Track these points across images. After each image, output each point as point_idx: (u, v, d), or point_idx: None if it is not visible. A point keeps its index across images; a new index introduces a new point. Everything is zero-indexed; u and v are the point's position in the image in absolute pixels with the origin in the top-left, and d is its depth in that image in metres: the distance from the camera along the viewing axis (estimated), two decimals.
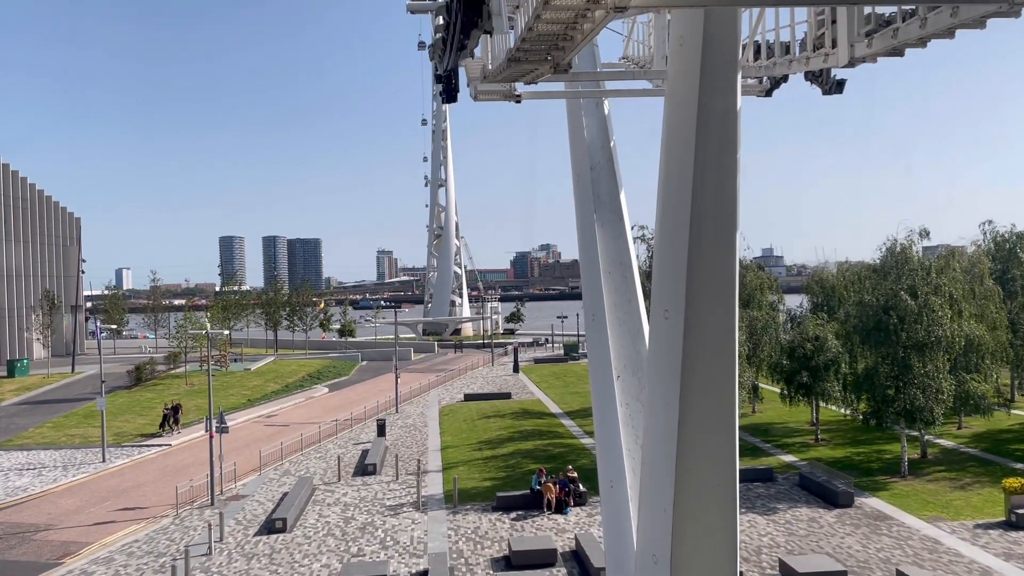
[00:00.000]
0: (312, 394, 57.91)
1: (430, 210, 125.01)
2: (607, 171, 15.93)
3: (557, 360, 75.64)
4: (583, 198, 15.90)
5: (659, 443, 10.42)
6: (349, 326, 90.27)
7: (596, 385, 14.88)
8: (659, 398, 10.48)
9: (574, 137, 16.34)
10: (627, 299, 15.00)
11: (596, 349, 14.92)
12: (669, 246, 9.97)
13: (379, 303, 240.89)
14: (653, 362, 10.71)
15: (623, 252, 15.30)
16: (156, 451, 39.85)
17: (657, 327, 10.43)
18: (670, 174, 9.87)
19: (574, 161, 16.33)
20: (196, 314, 72.20)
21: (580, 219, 16.04)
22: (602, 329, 14.76)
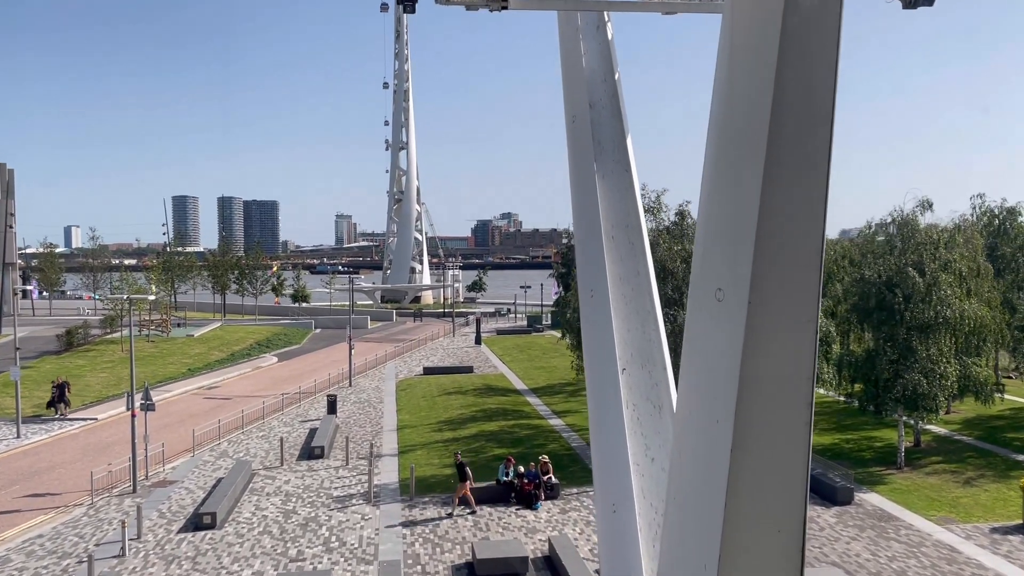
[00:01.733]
0: (259, 364, 54.15)
1: (390, 174, 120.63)
2: (610, 110, 12.69)
3: (521, 331, 72.76)
4: (580, 144, 12.65)
5: (698, 469, 7.40)
6: (303, 291, 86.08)
7: (594, 379, 11.76)
8: (700, 408, 7.43)
9: (569, 67, 13.04)
10: (634, 271, 11.87)
11: (595, 334, 11.79)
12: (728, 203, 6.87)
13: (337, 268, 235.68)
14: (693, 358, 7.64)
15: (630, 212, 12.14)
16: (79, 426, 35.97)
17: (702, 312, 7.35)
18: (732, 104, 6.76)
19: (568, 97, 13.05)
20: (134, 275, 67.44)
21: (575, 170, 12.81)
22: (603, 309, 11.61)
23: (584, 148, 12.60)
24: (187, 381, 47.01)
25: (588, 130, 12.53)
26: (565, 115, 13.27)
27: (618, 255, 11.96)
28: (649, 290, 11.75)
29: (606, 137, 12.65)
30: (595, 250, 11.94)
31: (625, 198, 12.29)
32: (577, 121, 12.82)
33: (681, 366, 8.05)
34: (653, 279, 11.87)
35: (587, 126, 12.55)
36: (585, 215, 12.35)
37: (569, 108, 13.05)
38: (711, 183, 7.30)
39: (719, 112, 7.08)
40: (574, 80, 12.96)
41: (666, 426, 10.97)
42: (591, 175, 12.34)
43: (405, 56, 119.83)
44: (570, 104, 13.03)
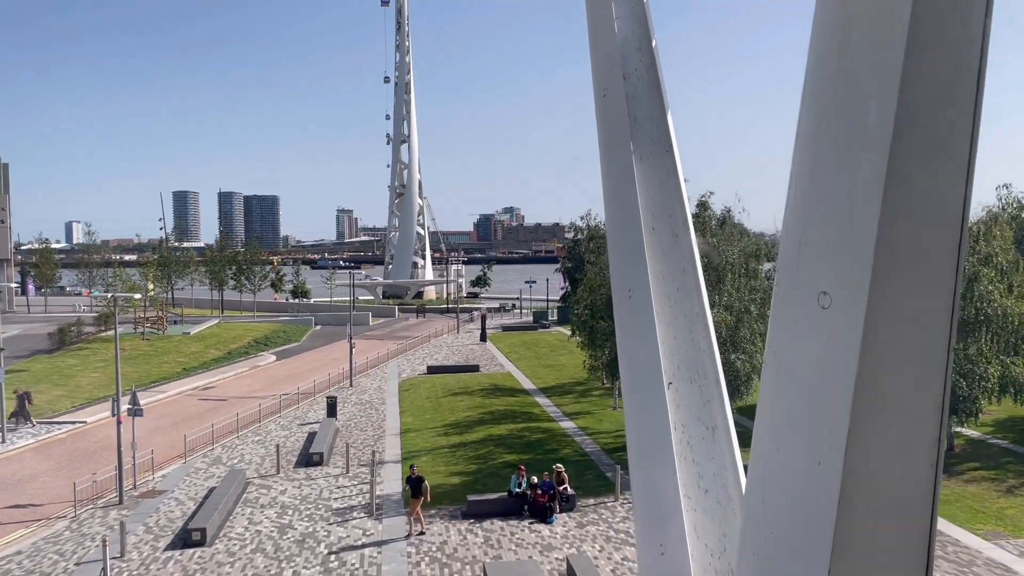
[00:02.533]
0: (257, 363, 52.52)
1: (392, 168, 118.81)
2: (647, 82, 10.95)
3: (527, 328, 71.05)
4: (613, 122, 10.91)
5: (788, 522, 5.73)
6: (302, 287, 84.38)
7: (634, 396, 10.05)
8: (792, 442, 5.76)
9: (598, 34, 11.30)
10: (679, 268, 10.16)
11: (634, 342, 10.08)
12: (835, 189, 5.18)
13: (338, 263, 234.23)
14: (783, 379, 5.94)
15: (673, 199, 10.43)
16: (67, 430, 34.35)
17: (799, 322, 5.67)
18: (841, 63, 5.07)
19: (598, 69, 11.31)
20: (128, 271, 65.80)
21: (608, 152, 11.08)
22: (644, 312, 9.90)
23: (618, 127, 10.88)
24: (182, 381, 45.38)
25: (622, 106, 10.81)
26: (594, 90, 11.53)
27: (660, 249, 10.26)
28: (697, 290, 10.06)
29: (643, 113, 10.93)
30: (633, 244, 10.24)
31: (666, 183, 10.59)
32: (609, 96, 11.09)
33: (763, 387, 6.35)
34: (701, 277, 10.17)
35: (621, 101, 10.83)
36: (620, 203, 10.64)
37: (599, 81, 11.32)
38: (809, 165, 5.59)
39: (820, 76, 5.36)
40: (604, 49, 11.23)
41: (721, 451, 9.29)
42: (626, 157, 10.63)
43: (407, 48, 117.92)
44: (600, 77, 11.30)
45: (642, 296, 10.05)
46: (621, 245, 10.58)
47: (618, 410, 34.74)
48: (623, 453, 29.85)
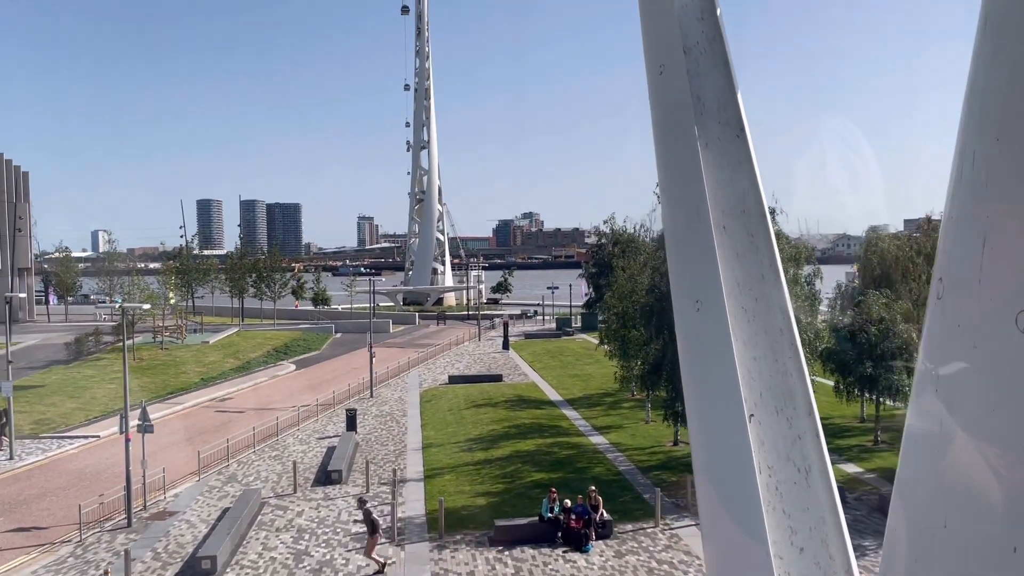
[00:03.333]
0: (276, 372, 51.31)
1: (412, 175, 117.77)
2: (712, 56, 9.31)
3: (550, 335, 69.42)
4: (672, 103, 9.27)
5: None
6: (323, 294, 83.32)
7: (706, 430, 8.38)
8: (971, 510, 4.09)
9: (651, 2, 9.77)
10: (758, 274, 8.47)
11: (704, 365, 8.38)
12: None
13: (359, 269, 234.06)
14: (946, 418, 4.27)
15: (747, 192, 8.74)
16: (79, 445, 33.20)
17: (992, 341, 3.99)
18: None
19: (652, 41, 9.69)
20: (146, 279, 65.01)
21: (665, 138, 9.44)
22: (717, 328, 8.24)
23: (679, 108, 9.21)
24: (199, 392, 44.24)
25: (684, 83, 9.14)
26: (647, 67, 9.88)
27: (733, 252, 8.58)
28: (781, 301, 8.37)
29: (708, 92, 9.24)
30: (700, 246, 8.56)
31: (739, 173, 8.90)
32: (667, 73, 9.43)
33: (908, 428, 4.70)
34: (784, 285, 8.51)
35: (682, 78, 9.15)
36: (683, 198, 8.95)
37: (654, 57, 9.67)
38: (999, 146, 3.92)
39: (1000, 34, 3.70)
40: (660, 19, 9.57)
41: (818, 499, 7.58)
42: (690, 144, 8.95)
43: (427, 54, 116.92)
44: (655, 51, 9.65)
45: (714, 309, 8.39)
46: (685, 248, 8.93)
47: (652, 423, 33.05)
48: (660, 472, 28.24)
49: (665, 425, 29.36)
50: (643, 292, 27.74)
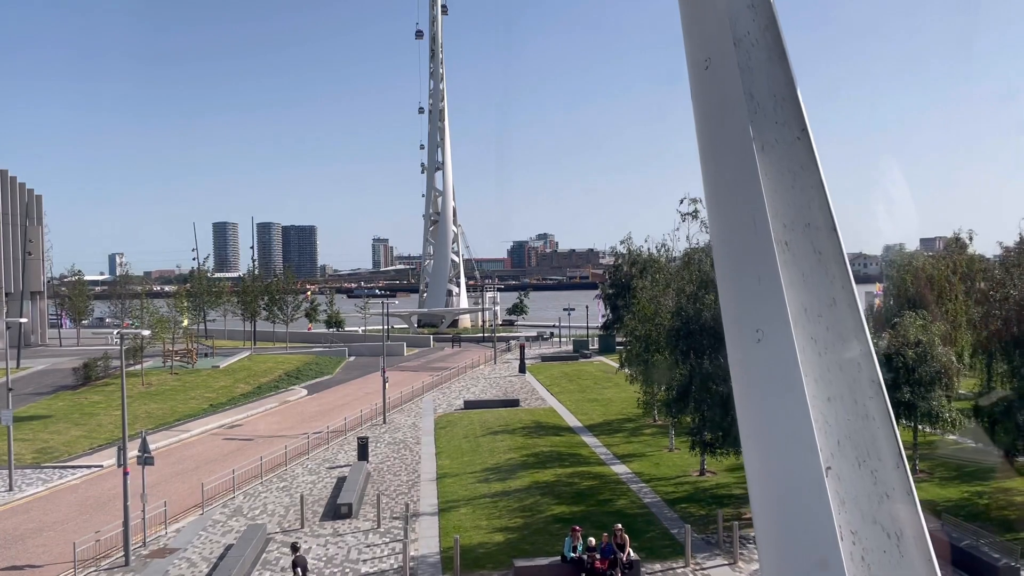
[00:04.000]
0: (287, 397, 50.15)
1: (426, 196, 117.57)
2: (766, 48, 8.10)
3: (567, 358, 67.96)
4: (720, 101, 8.07)
5: None
6: (336, 316, 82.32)
7: (771, 486, 7.05)
8: None
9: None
10: (828, 299, 7.23)
11: (768, 406, 7.12)
12: None
13: (374, 292, 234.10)
14: None
15: (812, 203, 7.52)
16: (82, 475, 32.07)
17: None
18: None
19: (695, 32, 8.50)
20: (155, 303, 64.23)
21: (712, 141, 8.24)
22: (782, 363, 6.96)
23: (729, 107, 8.04)
24: (207, 419, 43.10)
25: (735, 79, 7.97)
26: (688, 63, 8.70)
27: (798, 272, 7.35)
28: (858, 329, 7.14)
29: (762, 89, 8.07)
30: (760, 266, 7.34)
31: (801, 181, 7.72)
32: (714, 67, 8.27)
33: None
34: (861, 311, 7.24)
35: (732, 73, 7.99)
36: (737, 211, 7.76)
37: (698, 48, 8.51)
38: None
39: None
40: (705, 5, 8.45)
41: (913, 570, 6.29)
42: (744, 148, 7.77)
43: (440, 76, 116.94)
44: (700, 42, 8.49)
45: (778, 340, 7.11)
46: (741, 269, 7.67)
47: (676, 451, 31.54)
48: (688, 504, 26.64)
49: (692, 454, 27.88)
50: (668, 315, 26.41)
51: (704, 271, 24.46)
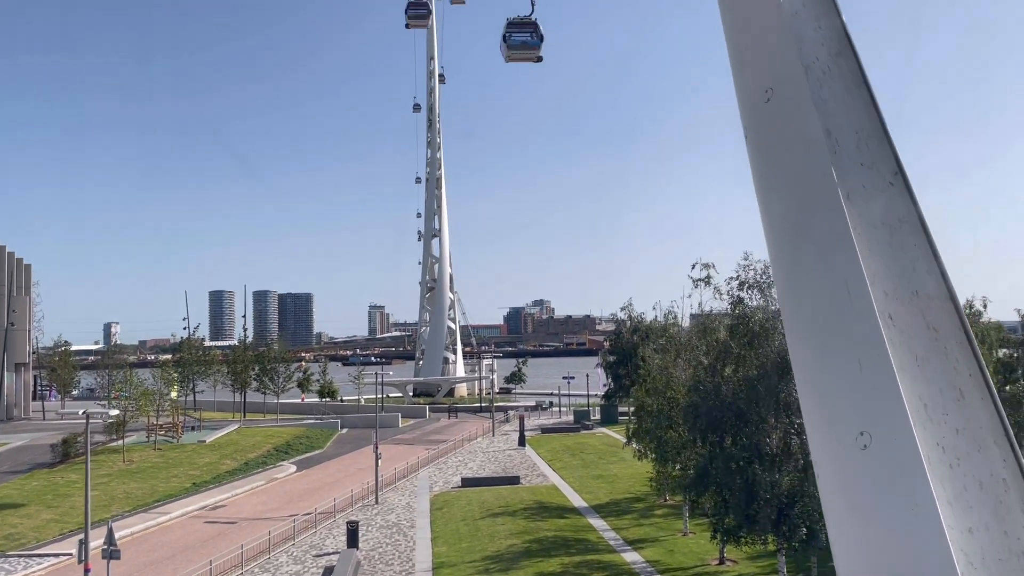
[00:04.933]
0: (275, 474, 47.60)
1: (423, 263, 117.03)
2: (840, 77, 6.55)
3: (568, 429, 65.50)
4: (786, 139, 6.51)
5: None
6: (329, 387, 79.99)
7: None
8: None
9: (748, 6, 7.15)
10: (954, 391, 5.48)
11: (889, 535, 5.29)
12: None
13: (369, 359, 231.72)
14: None
15: (920, 265, 5.89)
16: (48, 565, 29.50)
17: None
18: None
19: (751, 60, 6.93)
20: (140, 375, 62.01)
21: (775, 190, 6.67)
22: (906, 481, 5.17)
23: (801, 146, 6.46)
24: (189, 499, 40.55)
25: (808, 113, 6.41)
26: (741, 94, 7.18)
27: (910, 356, 5.60)
28: (998, 432, 5.37)
29: (841, 125, 6.50)
30: (860, 348, 5.59)
31: (899, 237, 6.07)
32: (778, 99, 6.72)
33: None
34: (999, 405, 5.50)
35: (803, 106, 6.43)
36: (820, 275, 6.08)
37: (754, 78, 6.99)
38: None
39: None
40: (763, 26, 6.96)
41: None
42: (826, 195, 6.14)
43: (437, 144, 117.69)
44: (757, 70, 6.99)
45: (894, 447, 5.32)
46: (831, 352, 5.92)
47: (691, 536, 29.20)
48: None
49: (713, 543, 25.58)
50: (681, 388, 24.54)
51: (721, 340, 22.71)
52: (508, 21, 27.44)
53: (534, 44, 27.17)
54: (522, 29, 27.08)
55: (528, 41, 26.83)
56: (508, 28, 27.25)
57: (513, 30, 27.16)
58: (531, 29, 27.02)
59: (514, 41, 27.18)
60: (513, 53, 26.73)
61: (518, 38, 27.25)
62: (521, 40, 27.02)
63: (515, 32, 27.22)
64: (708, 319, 24.69)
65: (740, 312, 21.39)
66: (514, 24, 27.13)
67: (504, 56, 27.07)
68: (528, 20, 27.02)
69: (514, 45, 27.21)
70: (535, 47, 27.20)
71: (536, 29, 27.05)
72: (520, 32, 27.16)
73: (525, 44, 26.95)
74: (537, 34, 27.02)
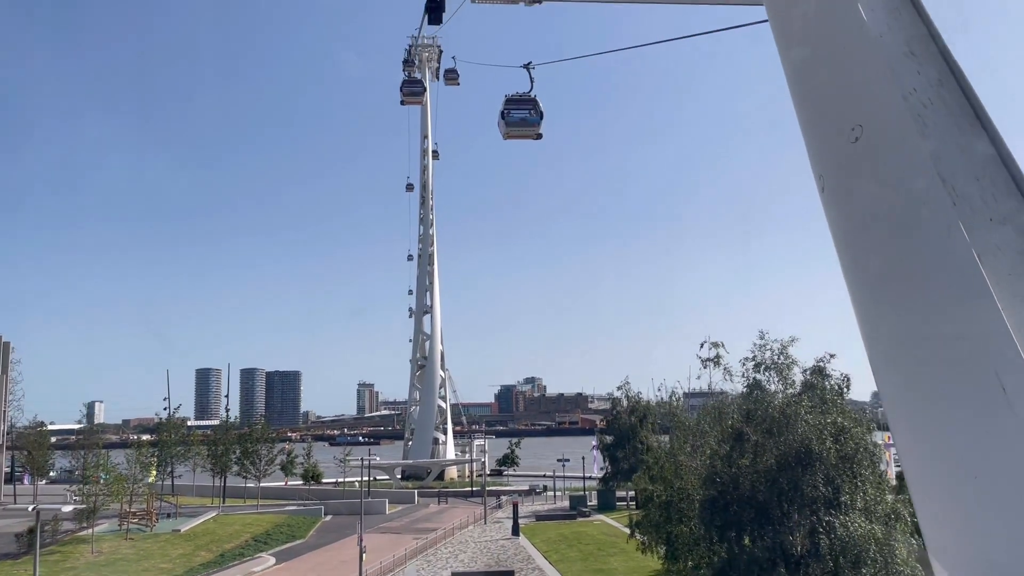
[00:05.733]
0: (252, 568, 44.58)
1: (414, 341, 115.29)
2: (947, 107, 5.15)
3: (564, 516, 62.51)
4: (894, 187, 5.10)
5: None
6: (313, 470, 76.87)
7: None
8: None
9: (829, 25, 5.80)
10: None
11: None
12: None
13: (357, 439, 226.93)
14: None
15: None
16: None
17: None
18: None
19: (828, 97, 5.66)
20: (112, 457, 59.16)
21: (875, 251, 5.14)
22: None
23: (906, 195, 4.94)
24: None
25: (916, 150, 4.91)
26: (814, 137, 5.77)
27: None
28: None
29: (957, 170, 5.01)
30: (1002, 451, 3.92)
31: None
32: (869, 137, 5.24)
33: None
34: None
35: (913, 140, 4.94)
36: (957, 360, 4.44)
37: (838, 115, 5.55)
38: None
39: None
40: (847, 49, 5.55)
41: None
42: (957, 256, 4.54)
43: (431, 221, 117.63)
44: (840, 105, 5.55)
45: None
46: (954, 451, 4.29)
47: None
48: None
49: None
50: (694, 477, 22.58)
51: (735, 427, 20.89)
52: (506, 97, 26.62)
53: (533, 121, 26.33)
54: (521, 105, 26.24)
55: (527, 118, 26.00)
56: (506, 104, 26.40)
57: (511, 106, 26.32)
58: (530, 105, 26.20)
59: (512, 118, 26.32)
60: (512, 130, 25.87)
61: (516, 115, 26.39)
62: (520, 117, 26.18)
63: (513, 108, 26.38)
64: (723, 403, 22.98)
65: (758, 396, 19.66)
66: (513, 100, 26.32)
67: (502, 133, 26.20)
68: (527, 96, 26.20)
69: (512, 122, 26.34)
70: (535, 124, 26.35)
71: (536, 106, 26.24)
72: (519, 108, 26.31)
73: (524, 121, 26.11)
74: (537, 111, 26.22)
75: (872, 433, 21.09)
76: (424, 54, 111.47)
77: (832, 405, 20.69)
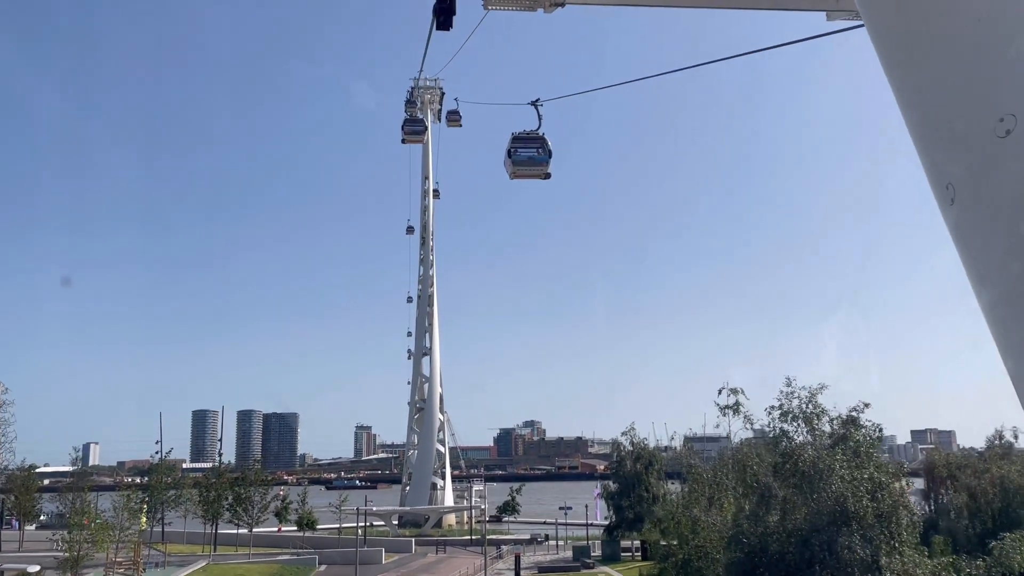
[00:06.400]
0: None
1: (412, 383, 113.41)
2: None
3: (567, 568, 60.27)
4: None
5: None
6: (308, 517, 74.58)
7: None
8: None
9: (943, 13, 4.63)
10: None
11: None
12: None
13: (354, 483, 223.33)
14: None
15: None
16: None
17: None
18: None
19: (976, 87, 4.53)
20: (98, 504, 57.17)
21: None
22: None
23: None
24: None
25: None
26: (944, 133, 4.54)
27: None
28: None
29: None
30: None
31: None
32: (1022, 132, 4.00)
33: None
34: None
35: None
36: None
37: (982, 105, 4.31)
38: None
39: None
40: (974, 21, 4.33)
41: None
42: None
43: (431, 262, 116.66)
44: (985, 93, 4.31)
45: None
46: None
47: None
48: None
49: None
50: (716, 536, 20.98)
51: (764, 481, 19.39)
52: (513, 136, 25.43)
53: (541, 160, 25.16)
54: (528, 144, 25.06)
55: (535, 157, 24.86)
56: (513, 143, 25.20)
57: (518, 145, 25.13)
58: (538, 144, 25.00)
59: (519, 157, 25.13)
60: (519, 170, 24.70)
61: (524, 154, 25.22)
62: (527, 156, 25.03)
63: (520, 147, 25.18)
64: (745, 455, 21.49)
65: (786, 448, 18.22)
66: (520, 139, 25.14)
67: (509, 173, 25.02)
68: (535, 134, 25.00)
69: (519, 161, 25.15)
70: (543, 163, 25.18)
71: (544, 144, 25.08)
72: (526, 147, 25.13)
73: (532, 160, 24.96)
74: (545, 149, 25.07)
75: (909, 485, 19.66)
76: (426, 96, 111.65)
77: (867, 458, 19.23)
